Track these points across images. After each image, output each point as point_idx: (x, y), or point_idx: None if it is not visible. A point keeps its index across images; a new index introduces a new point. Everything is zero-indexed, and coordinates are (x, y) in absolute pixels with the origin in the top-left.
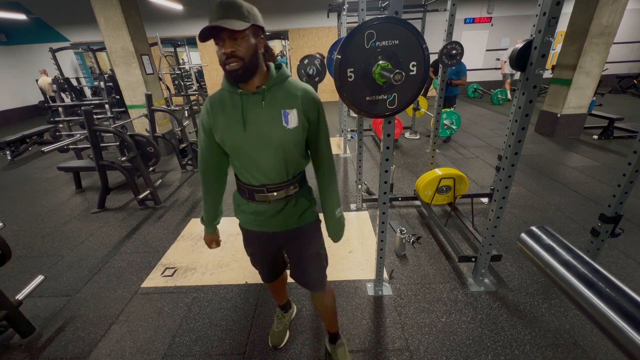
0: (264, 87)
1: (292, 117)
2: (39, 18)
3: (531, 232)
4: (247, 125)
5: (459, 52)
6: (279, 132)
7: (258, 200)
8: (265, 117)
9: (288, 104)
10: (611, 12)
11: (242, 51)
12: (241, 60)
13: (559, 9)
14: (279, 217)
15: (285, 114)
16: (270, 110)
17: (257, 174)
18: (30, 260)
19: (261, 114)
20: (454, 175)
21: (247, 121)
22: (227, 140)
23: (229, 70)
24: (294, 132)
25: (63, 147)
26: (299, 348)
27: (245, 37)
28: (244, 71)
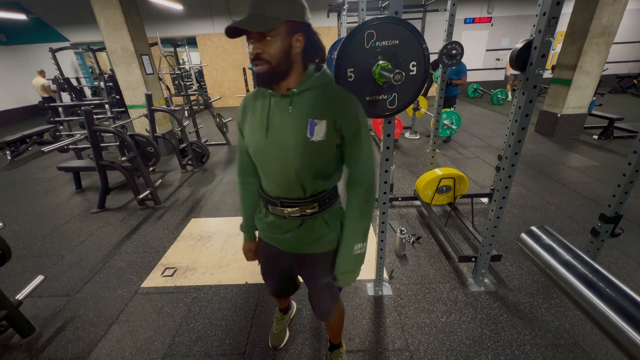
0: (294, 90)
1: (319, 129)
2: (39, 18)
3: (531, 232)
4: (270, 131)
5: (459, 52)
6: (300, 144)
7: (272, 212)
8: (290, 125)
9: (318, 113)
10: (611, 12)
11: (270, 53)
12: (267, 63)
13: (559, 9)
14: (291, 236)
15: (312, 124)
16: (296, 118)
17: (273, 184)
18: (30, 260)
19: (286, 120)
20: (454, 175)
21: (270, 126)
22: (250, 143)
23: (255, 73)
24: (318, 146)
25: (63, 147)
26: (299, 348)
27: (275, 36)
28: (271, 75)
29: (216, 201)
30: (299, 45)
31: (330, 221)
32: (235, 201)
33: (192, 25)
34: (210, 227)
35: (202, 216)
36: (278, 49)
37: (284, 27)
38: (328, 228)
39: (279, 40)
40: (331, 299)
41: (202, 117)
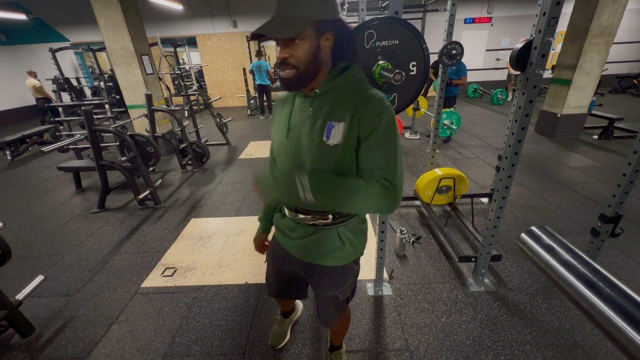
0: (317, 91)
1: (335, 132)
2: (39, 18)
3: (531, 232)
4: (290, 132)
5: (459, 52)
6: (315, 147)
7: (287, 215)
8: (309, 126)
9: (337, 115)
10: (611, 12)
11: (298, 57)
12: (295, 68)
13: (559, 9)
14: (302, 244)
15: (329, 127)
16: (315, 120)
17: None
18: (30, 260)
19: (307, 121)
20: (454, 175)
21: (290, 127)
22: (274, 143)
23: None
24: (333, 150)
25: (63, 147)
26: (299, 348)
27: (304, 39)
28: (298, 80)
29: (216, 201)
30: (328, 45)
31: (345, 236)
32: (236, 201)
33: (192, 25)
34: (210, 227)
35: (202, 216)
36: (306, 52)
37: (313, 27)
38: (341, 243)
39: (308, 42)
40: (336, 310)
41: (202, 117)
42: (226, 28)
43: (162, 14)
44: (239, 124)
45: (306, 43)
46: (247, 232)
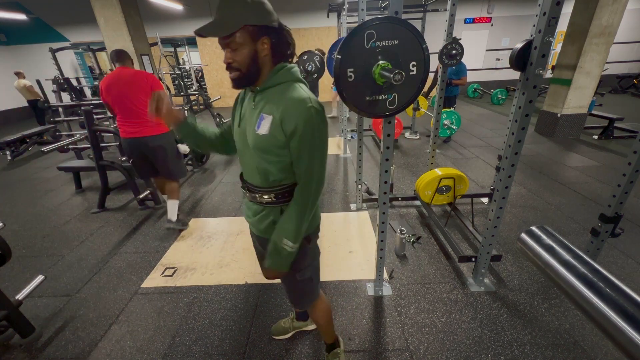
0: (258, 88)
1: (264, 124)
2: (39, 18)
3: (531, 232)
4: (241, 122)
5: (459, 52)
6: (252, 136)
7: (245, 196)
8: (251, 118)
9: (268, 109)
10: (611, 12)
11: (239, 61)
12: (238, 70)
13: (559, 9)
14: (256, 220)
15: (261, 119)
16: (255, 112)
17: (243, 169)
18: (30, 260)
19: (249, 114)
20: (454, 175)
21: (241, 117)
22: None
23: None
24: (263, 139)
25: (63, 147)
26: (299, 348)
27: (241, 44)
28: (242, 80)
29: (216, 201)
30: (266, 48)
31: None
32: (236, 201)
33: (192, 25)
34: (210, 227)
35: (202, 216)
36: (245, 56)
37: (247, 33)
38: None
39: (246, 47)
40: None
41: (202, 117)
42: None
43: (162, 14)
44: None
45: (245, 48)
46: (247, 232)
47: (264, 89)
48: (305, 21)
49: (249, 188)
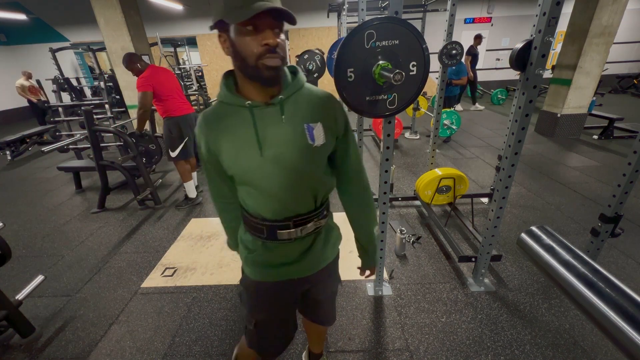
0: (281, 96)
1: (317, 133)
2: (39, 18)
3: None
4: (265, 147)
5: (459, 52)
6: (305, 152)
7: (281, 239)
8: (286, 135)
9: (311, 117)
10: (611, 12)
11: (283, 47)
12: (282, 58)
13: (559, 9)
14: (308, 257)
15: (310, 129)
16: (291, 126)
17: (279, 206)
18: (30, 260)
19: (281, 131)
20: (454, 175)
21: (263, 141)
22: (237, 167)
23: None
24: (322, 150)
25: (63, 147)
26: (299, 348)
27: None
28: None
29: None
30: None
31: (334, 224)
32: None
33: (192, 25)
34: (210, 227)
35: (202, 216)
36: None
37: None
38: (337, 230)
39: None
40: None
41: None
42: None
43: (162, 14)
44: None
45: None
46: None
47: (289, 95)
48: (305, 21)
49: (296, 223)
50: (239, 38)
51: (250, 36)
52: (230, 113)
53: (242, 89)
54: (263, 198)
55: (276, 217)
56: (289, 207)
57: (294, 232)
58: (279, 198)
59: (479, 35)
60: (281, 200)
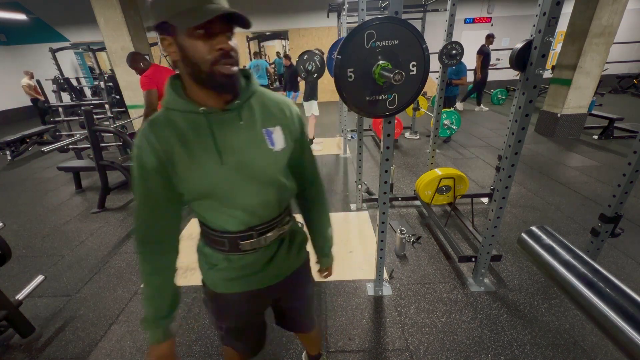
0: (238, 101)
1: (277, 137)
2: (39, 18)
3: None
4: (225, 155)
5: (459, 52)
6: (267, 157)
7: (244, 250)
8: (246, 141)
9: (269, 121)
10: (611, 12)
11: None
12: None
13: (559, 9)
14: (273, 265)
15: (269, 134)
16: (250, 132)
17: (242, 214)
18: (30, 260)
19: (240, 137)
20: (454, 175)
21: (223, 149)
22: (195, 179)
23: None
24: (283, 154)
25: (63, 147)
26: (299, 348)
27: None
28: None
29: None
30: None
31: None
32: None
33: None
34: None
35: None
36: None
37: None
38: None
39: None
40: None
41: None
42: None
43: None
44: None
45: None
46: None
47: (245, 99)
48: (305, 21)
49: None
50: (189, 42)
51: (202, 40)
52: (180, 121)
53: (191, 95)
54: (226, 209)
55: (239, 228)
56: (254, 215)
57: (257, 241)
58: (243, 207)
59: (491, 35)
60: (245, 209)
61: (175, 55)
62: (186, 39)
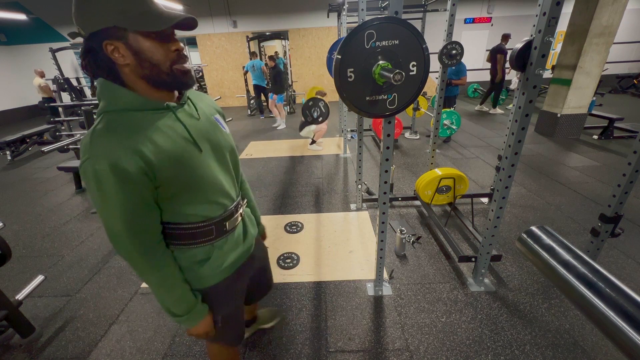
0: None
1: (222, 122)
2: (39, 18)
3: (531, 232)
4: (200, 143)
5: (459, 52)
6: (226, 139)
7: (229, 229)
8: (208, 129)
9: (210, 110)
10: (611, 12)
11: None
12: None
13: (559, 9)
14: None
15: (218, 121)
16: (207, 121)
17: (221, 198)
18: (30, 260)
19: (203, 126)
20: (454, 175)
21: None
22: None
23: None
24: (231, 136)
25: (63, 147)
26: (299, 348)
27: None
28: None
29: None
30: None
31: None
32: None
33: None
34: None
35: None
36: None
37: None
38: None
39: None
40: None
41: None
42: (226, 28)
43: None
44: (239, 124)
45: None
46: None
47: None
48: (305, 21)
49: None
50: (146, 45)
51: (157, 43)
52: (146, 122)
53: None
54: (209, 196)
55: (220, 212)
56: (227, 197)
57: (235, 219)
58: (221, 190)
59: (508, 35)
60: (222, 191)
61: (125, 59)
62: (142, 42)
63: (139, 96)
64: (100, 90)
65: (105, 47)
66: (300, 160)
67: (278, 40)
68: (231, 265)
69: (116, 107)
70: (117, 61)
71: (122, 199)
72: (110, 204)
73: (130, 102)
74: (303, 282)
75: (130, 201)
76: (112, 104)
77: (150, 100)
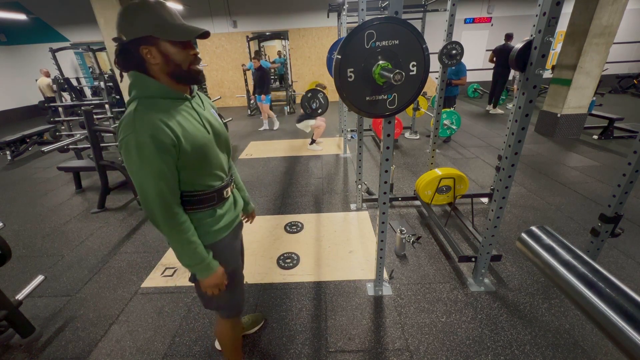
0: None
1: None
2: (39, 18)
3: (531, 232)
4: (208, 127)
5: (459, 52)
6: (223, 128)
7: (226, 197)
8: (211, 117)
9: (208, 105)
10: (611, 12)
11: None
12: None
13: (559, 9)
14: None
15: (215, 113)
16: (208, 111)
17: (220, 172)
18: (30, 260)
19: (208, 115)
20: (454, 175)
21: (206, 123)
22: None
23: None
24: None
25: (63, 147)
26: (299, 348)
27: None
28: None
29: None
30: None
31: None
32: None
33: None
34: None
35: None
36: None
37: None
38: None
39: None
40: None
41: None
42: (226, 28)
43: None
44: (239, 124)
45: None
46: (247, 232)
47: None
48: (305, 21)
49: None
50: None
51: (180, 49)
52: (171, 107)
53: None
54: (212, 169)
55: (220, 183)
56: (224, 171)
57: (229, 189)
58: (220, 166)
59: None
60: (221, 167)
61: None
62: (169, 48)
63: (164, 86)
64: (134, 80)
65: (141, 50)
66: (300, 160)
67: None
68: (228, 225)
69: (146, 94)
70: (149, 61)
71: (158, 164)
72: (148, 169)
73: (158, 90)
74: (303, 282)
75: (163, 167)
76: (144, 91)
77: (173, 90)
